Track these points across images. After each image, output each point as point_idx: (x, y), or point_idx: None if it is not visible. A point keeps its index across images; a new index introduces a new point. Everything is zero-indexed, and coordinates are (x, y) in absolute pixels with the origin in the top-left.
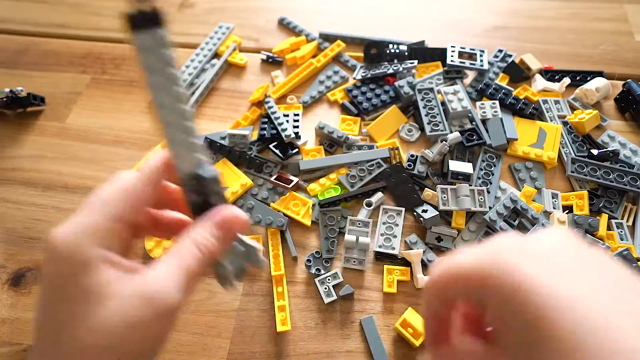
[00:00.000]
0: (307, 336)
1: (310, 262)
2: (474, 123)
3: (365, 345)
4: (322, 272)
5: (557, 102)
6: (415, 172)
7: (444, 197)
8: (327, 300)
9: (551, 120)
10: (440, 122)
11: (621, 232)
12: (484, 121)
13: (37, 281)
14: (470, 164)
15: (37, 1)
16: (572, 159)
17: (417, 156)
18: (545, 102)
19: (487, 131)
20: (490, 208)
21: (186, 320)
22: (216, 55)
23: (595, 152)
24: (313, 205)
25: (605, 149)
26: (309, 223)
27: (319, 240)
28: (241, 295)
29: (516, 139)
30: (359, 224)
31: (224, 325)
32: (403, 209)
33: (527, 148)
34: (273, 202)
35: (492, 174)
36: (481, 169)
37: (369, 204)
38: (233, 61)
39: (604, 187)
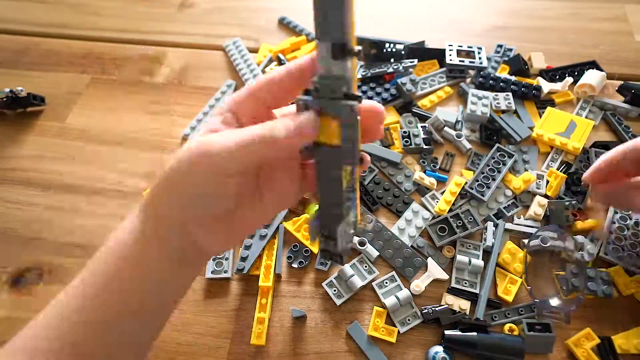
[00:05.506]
0: (308, 335)
1: (291, 258)
2: (496, 124)
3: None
4: (305, 263)
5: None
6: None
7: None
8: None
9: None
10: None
11: None
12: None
13: (35, 282)
14: None
15: (37, 1)
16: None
17: (409, 132)
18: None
19: (509, 125)
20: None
21: (186, 320)
22: None
23: None
24: None
25: None
26: (316, 251)
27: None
28: (241, 295)
29: (533, 126)
30: (366, 267)
31: (224, 325)
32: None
33: (553, 135)
34: (285, 222)
35: (499, 172)
36: (487, 165)
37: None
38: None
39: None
